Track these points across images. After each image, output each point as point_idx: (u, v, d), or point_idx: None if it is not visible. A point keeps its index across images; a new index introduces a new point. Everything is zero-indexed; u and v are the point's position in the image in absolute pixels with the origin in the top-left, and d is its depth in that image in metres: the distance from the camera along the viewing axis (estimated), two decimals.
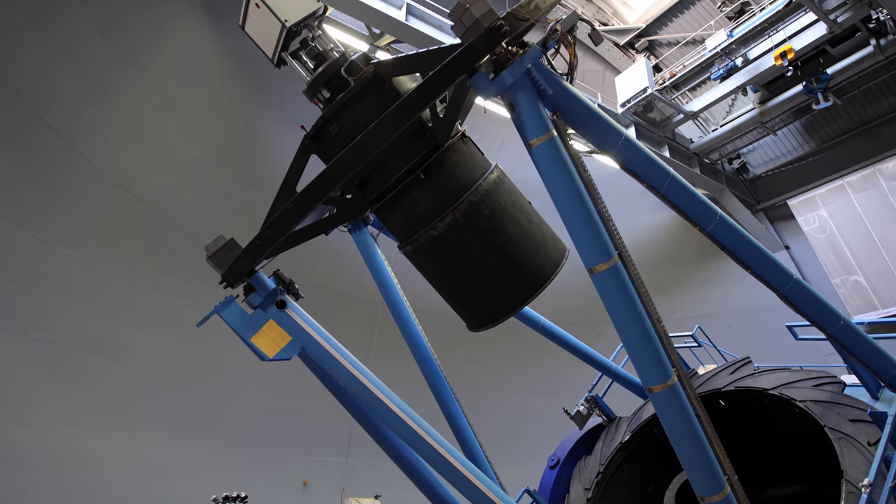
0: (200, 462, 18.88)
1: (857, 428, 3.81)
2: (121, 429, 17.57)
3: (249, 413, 20.50)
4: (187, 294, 18.43)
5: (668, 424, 2.54)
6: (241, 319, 3.32)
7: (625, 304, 2.52)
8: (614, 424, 5.89)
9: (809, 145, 20.69)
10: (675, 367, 2.53)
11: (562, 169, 2.67)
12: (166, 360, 18.63)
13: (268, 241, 3.21)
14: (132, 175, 16.60)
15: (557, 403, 6.85)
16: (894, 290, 19.62)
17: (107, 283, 17.04)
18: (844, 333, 3.68)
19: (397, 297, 4.49)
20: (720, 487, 2.46)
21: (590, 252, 2.56)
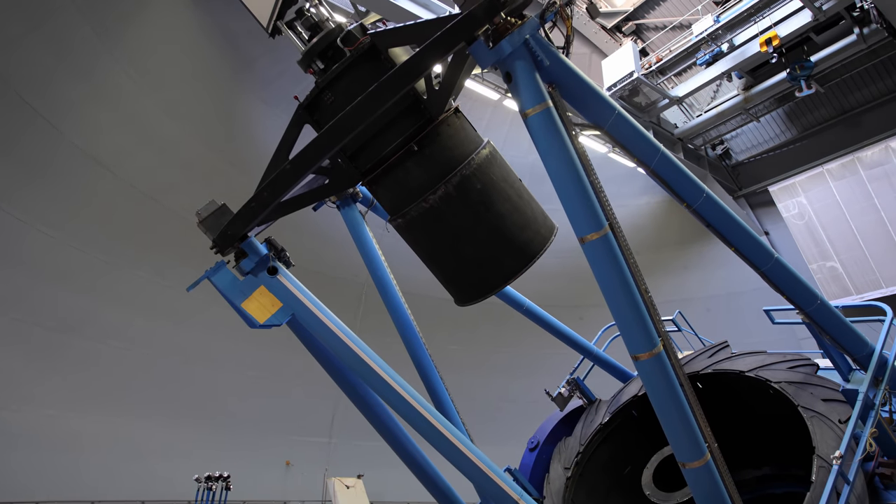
0: (183, 443, 18.87)
1: (829, 407, 3.95)
2: (101, 410, 17.48)
3: (232, 395, 20.49)
4: (168, 274, 18.24)
5: (652, 392, 2.63)
6: (231, 285, 3.30)
7: (614, 273, 2.58)
8: (594, 406, 5.99)
9: (791, 132, 20.93)
10: (661, 337, 2.60)
11: (556, 139, 2.71)
12: (147, 341, 18.49)
13: (263, 202, 3.18)
14: (112, 153, 16.29)
15: (539, 385, 6.93)
16: (869, 277, 20.07)
17: (86, 263, 16.80)
18: (820, 313, 3.81)
19: (384, 275, 4.49)
20: (701, 454, 2.57)
21: (581, 221, 2.61)
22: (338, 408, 22.76)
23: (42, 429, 16.07)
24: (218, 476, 13.15)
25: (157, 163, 17.17)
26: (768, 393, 4.63)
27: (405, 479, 18.27)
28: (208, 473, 13.20)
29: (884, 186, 19.20)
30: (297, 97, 3.77)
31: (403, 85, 2.95)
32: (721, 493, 2.56)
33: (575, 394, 6.26)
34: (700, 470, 2.58)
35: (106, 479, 16.77)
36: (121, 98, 15.86)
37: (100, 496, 16.43)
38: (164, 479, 17.63)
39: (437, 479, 4.03)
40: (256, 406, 20.98)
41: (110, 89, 15.66)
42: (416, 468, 3.97)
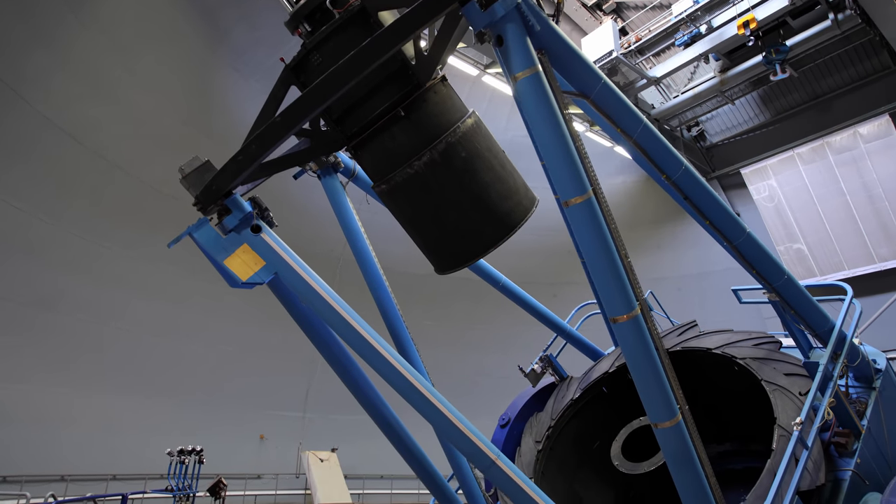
0: (155, 418, 18.76)
1: (790, 380, 4.14)
2: (75, 384, 17.26)
3: (206, 370, 20.38)
4: (140, 247, 17.91)
5: (629, 354, 2.72)
6: (213, 241, 3.24)
7: (596, 236, 2.64)
8: (566, 383, 6.10)
9: (764, 116, 21.23)
10: (638, 301, 2.69)
11: (544, 103, 2.74)
12: (121, 315, 18.21)
13: (251, 156, 3.12)
14: (82, 124, 15.78)
15: (512, 361, 7.03)
16: (833, 259, 20.70)
17: (58, 237, 16.41)
18: (787, 288, 3.96)
19: (363, 246, 4.47)
20: (673, 414, 2.70)
21: (566, 185, 2.66)
22: (312, 383, 22.81)
23: (12, 403, 15.82)
24: (191, 450, 13.14)
25: (129, 134, 16.70)
26: (733, 369, 4.79)
27: (379, 453, 18.49)
28: (181, 447, 13.18)
29: (851, 171, 19.69)
30: (283, 59, 3.70)
31: (395, 42, 2.92)
32: (690, 453, 2.71)
33: (547, 370, 6.36)
34: (671, 430, 2.71)
35: (76, 453, 16.63)
36: (89, 67, 15.31)
37: (70, 470, 16.31)
38: (135, 453, 17.55)
39: (414, 448, 4.09)
40: (230, 381, 20.92)
41: (80, 59, 15.09)
42: (393, 435, 4.02)
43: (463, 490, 4.32)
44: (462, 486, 4.31)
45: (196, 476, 13.03)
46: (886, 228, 19.46)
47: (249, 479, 20.51)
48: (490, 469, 3.02)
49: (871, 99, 19.08)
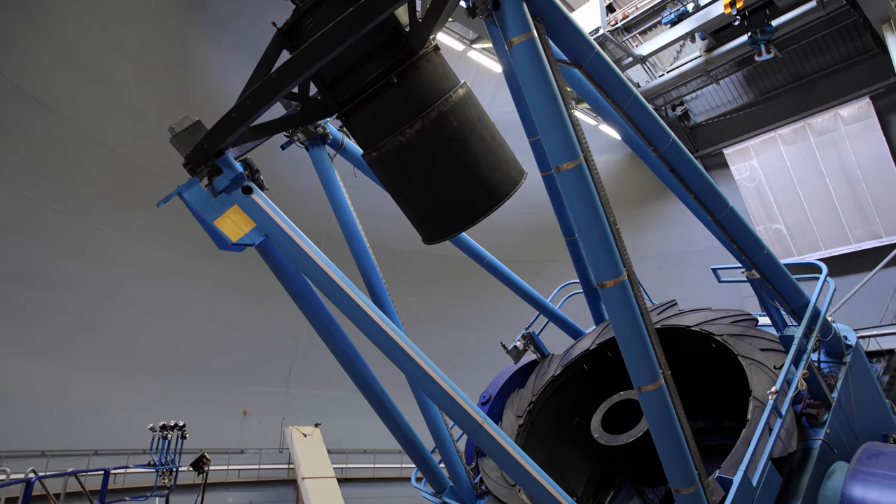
0: (138, 394, 18.70)
1: (765, 355, 4.27)
2: (54, 361, 17.08)
3: (189, 346, 20.29)
4: (119, 223, 17.63)
5: (615, 318, 2.78)
6: (203, 202, 3.19)
7: (587, 202, 2.68)
8: (547, 360, 6.17)
9: (748, 96, 21.33)
10: (625, 267, 2.74)
11: (539, 69, 2.74)
12: (101, 292, 17.99)
13: (245, 112, 3.05)
14: (57, 95, 15.33)
15: (495, 338, 7.10)
16: (810, 239, 21.06)
17: (35, 212, 16.06)
18: (765, 262, 4.06)
19: (350, 218, 4.45)
20: (656, 378, 2.78)
21: (558, 151, 2.69)
22: (295, 358, 22.84)
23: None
24: (173, 425, 13.12)
25: (106, 106, 16.29)
26: (711, 346, 4.89)
27: (362, 428, 18.64)
28: (163, 423, 13.15)
29: (830, 153, 19.94)
30: (274, 23, 3.62)
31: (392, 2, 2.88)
32: (671, 415, 2.80)
33: (529, 348, 6.42)
34: (654, 393, 2.80)
35: (57, 429, 16.54)
36: (65, 36, 14.82)
37: (52, 446, 16.24)
38: (118, 429, 17.51)
39: (398, 418, 4.13)
40: (213, 357, 20.86)
41: (55, 29, 14.59)
42: (378, 404, 4.06)
43: (445, 463, 4.39)
44: (444, 459, 4.38)
45: (179, 451, 13.04)
46: (862, 210, 19.82)
47: (233, 453, 20.61)
48: (476, 432, 3.08)
49: (852, 81, 19.24)
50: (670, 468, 2.87)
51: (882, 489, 3.35)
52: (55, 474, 12.67)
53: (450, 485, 4.38)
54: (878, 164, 19.08)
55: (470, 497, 4.44)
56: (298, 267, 3.29)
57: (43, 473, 11.98)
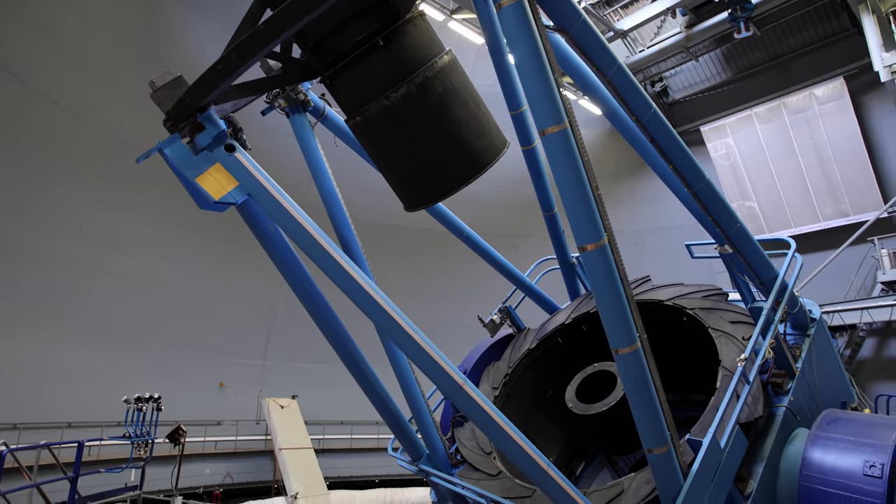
0: (112, 367, 18.51)
1: (735, 327, 4.42)
2: (27, 334, 16.79)
3: (165, 319, 20.08)
4: (89, 193, 17.19)
5: (594, 281, 2.84)
6: (185, 159, 3.10)
7: (570, 166, 2.71)
8: (523, 334, 6.24)
9: (726, 74, 21.46)
10: (606, 232, 2.79)
11: (527, 31, 2.73)
12: (73, 264, 17.62)
13: (231, 65, 2.96)
14: (25, 63, 14.73)
15: (472, 312, 7.15)
16: (781, 217, 21.52)
17: (5, 182, 15.57)
18: (738, 235, 4.18)
19: (330, 187, 4.39)
20: (633, 340, 2.86)
21: (544, 114, 2.69)
22: (272, 331, 22.78)
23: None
24: (148, 397, 13.03)
25: (75, 74, 15.72)
26: (683, 320, 5.00)
27: (339, 400, 18.77)
28: (138, 395, 13.06)
29: (804, 132, 20.25)
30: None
31: None
32: (647, 378, 2.90)
33: (506, 322, 6.47)
34: (631, 356, 2.87)
35: (29, 402, 16.34)
36: (35, 4, 14.18)
37: (23, 419, 16.05)
38: (92, 402, 17.36)
39: (377, 386, 4.16)
40: (190, 330, 20.70)
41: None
42: (357, 372, 4.07)
43: (421, 432, 4.46)
44: (420, 429, 4.45)
45: (154, 423, 12.99)
46: (832, 189, 20.26)
47: (209, 425, 20.62)
48: (456, 394, 3.12)
49: (827, 61, 19.47)
50: (644, 429, 2.98)
51: (839, 452, 3.59)
52: (27, 447, 12.52)
53: (426, 453, 4.45)
54: (848, 144, 19.45)
55: (445, 466, 4.53)
56: (281, 227, 3.24)
57: (15, 446, 11.84)
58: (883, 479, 3.37)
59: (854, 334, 18.75)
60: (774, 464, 3.82)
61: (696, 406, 3.99)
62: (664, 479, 3.02)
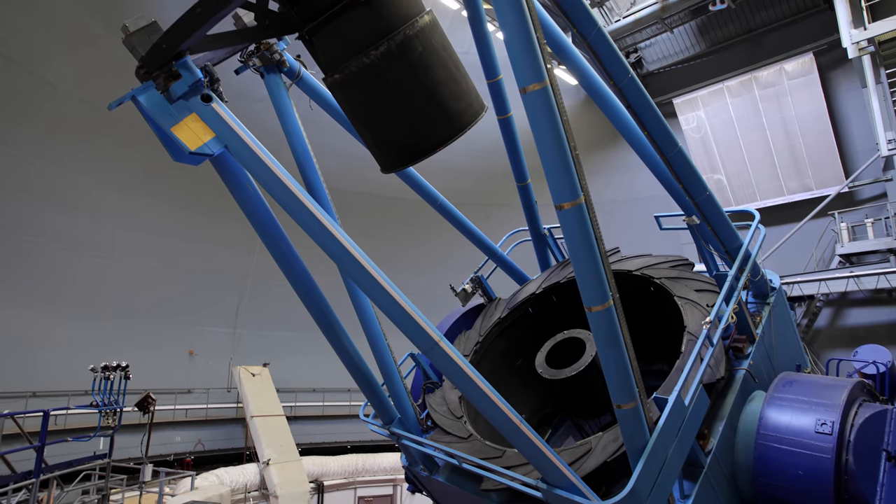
0: (78, 335, 18.16)
1: (699, 295, 4.57)
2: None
3: (131, 286, 19.68)
4: (46, 153, 16.55)
5: (570, 239, 2.87)
6: (160, 107, 2.98)
7: (550, 125, 2.72)
8: (494, 304, 6.30)
9: (700, 46, 21.55)
10: (583, 192, 2.83)
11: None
12: (37, 229, 17.04)
13: (210, 8, 2.85)
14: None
15: (444, 280, 7.19)
16: (748, 190, 21.98)
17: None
18: (707, 203, 4.30)
19: (305, 149, 4.31)
20: (606, 299, 2.92)
21: (526, 71, 2.69)
22: (243, 299, 22.58)
23: None
24: (115, 366, 12.88)
25: (30, 27, 14.94)
26: (650, 290, 5.12)
27: (310, 368, 18.84)
28: (105, 363, 12.89)
29: (773, 107, 20.57)
30: None
31: None
32: (618, 335, 2.99)
33: (477, 291, 6.52)
34: (604, 313, 2.93)
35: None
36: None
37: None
38: (57, 371, 17.07)
39: (351, 349, 4.17)
40: (157, 297, 20.37)
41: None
42: (332, 335, 4.07)
43: (392, 398, 4.51)
44: (391, 394, 4.50)
45: (122, 392, 12.86)
46: (797, 163, 20.73)
47: (180, 393, 20.52)
48: (433, 350, 3.15)
49: (798, 36, 19.68)
50: (614, 384, 3.07)
51: (793, 412, 3.81)
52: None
53: (398, 417, 4.51)
54: (815, 119, 19.84)
55: (416, 431, 4.60)
56: (259, 181, 3.17)
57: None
58: (833, 435, 3.56)
59: (812, 304, 19.48)
60: (734, 423, 4.01)
61: (658, 375, 4.13)
62: (632, 434, 3.13)
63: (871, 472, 3.53)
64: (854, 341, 7.52)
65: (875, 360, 6.56)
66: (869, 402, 3.96)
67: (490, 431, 4.81)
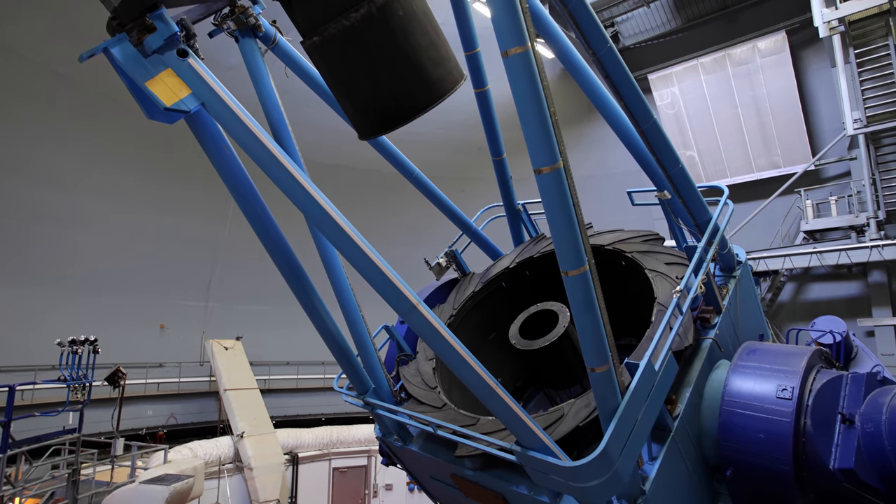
0: (43, 309, 17.74)
1: (669, 268, 4.70)
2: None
3: (99, 258, 19.23)
4: (7, 119, 15.91)
5: (548, 204, 2.90)
6: (134, 60, 2.86)
7: (530, 89, 2.72)
8: (468, 278, 6.34)
9: (676, 22, 21.58)
10: (562, 157, 2.85)
11: None
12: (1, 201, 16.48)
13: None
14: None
15: (418, 254, 7.20)
16: (718, 167, 22.34)
17: None
18: (679, 176, 4.39)
19: (280, 116, 4.23)
20: (582, 263, 2.97)
21: (510, 34, 2.69)
22: (214, 272, 22.28)
23: None
24: (83, 339, 12.64)
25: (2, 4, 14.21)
26: (622, 264, 5.22)
27: (284, 341, 18.75)
28: (72, 338, 12.64)
29: (745, 84, 20.81)
30: None
31: None
32: (593, 299, 3.06)
33: (452, 265, 6.54)
34: (579, 277, 2.98)
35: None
36: None
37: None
38: (22, 345, 16.69)
39: (327, 317, 4.17)
40: (126, 270, 19.96)
41: None
42: (307, 302, 4.06)
43: (366, 368, 4.54)
44: (365, 365, 4.53)
45: (91, 366, 12.66)
46: (767, 141, 21.11)
47: (151, 367, 20.30)
48: (411, 313, 3.17)
49: (772, 14, 19.84)
50: (588, 348, 3.14)
51: (756, 378, 4.00)
52: None
53: (372, 387, 4.55)
54: (785, 97, 20.16)
55: (390, 402, 4.65)
56: (237, 140, 3.09)
57: None
58: (793, 400, 3.73)
59: (776, 279, 20.07)
60: (700, 389, 4.17)
61: (627, 349, 4.25)
62: (604, 397, 3.22)
63: (827, 434, 3.71)
64: (814, 315, 7.83)
65: (832, 330, 6.88)
66: (826, 368, 4.16)
67: (464, 401, 4.89)
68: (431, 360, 5.30)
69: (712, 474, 4.22)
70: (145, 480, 11.94)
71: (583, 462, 3.12)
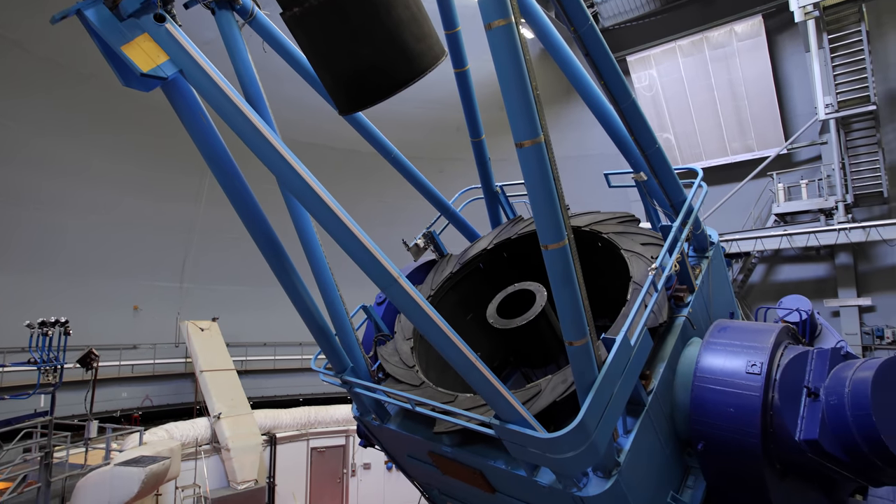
0: (12, 291, 17.31)
1: (645, 248, 4.80)
2: None
3: (70, 239, 18.78)
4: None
5: (529, 178, 2.92)
6: (109, 24, 2.76)
7: (513, 60, 2.72)
8: (446, 259, 6.36)
9: (655, 4, 21.58)
10: (543, 132, 2.87)
11: None
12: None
13: None
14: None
15: (397, 234, 7.19)
16: (694, 150, 22.60)
17: None
18: (655, 156, 4.46)
19: (257, 90, 4.15)
20: (561, 237, 3.00)
21: (492, 7, 2.67)
22: (189, 252, 21.95)
23: None
24: (54, 321, 12.38)
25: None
26: (598, 245, 5.28)
27: (260, 321, 18.62)
28: (42, 319, 12.37)
29: (721, 68, 20.99)
30: None
31: None
32: (572, 273, 3.09)
33: (429, 247, 6.55)
34: (559, 251, 3.03)
35: None
36: None
37: None
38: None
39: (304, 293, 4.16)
40: (99, 251, 19.54)
41: None
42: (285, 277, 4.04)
43: (344, 347, 4.55)
44: (343, 344, 4.53)
45: (63, 348, 12.43)
46: (741, 125, 21.38)
47: (125, 349, 20.02)
48: (392, 287, 3.19)
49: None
50: (566, 321, 3.19)
51: (726, 355, 4.13)
52: None
53: (350, 366, 4.56)
54: (760, 81, 20.39)
55: (368, 380, 4.67)
56: (215, 108, 3.02)
57: None
58: (761, 375, 3.86)
59: (748, 261, 20.52)
60: (673, 365, 4.28)
61: (602, 330, 4.33)
62: (581, 371, 3.28)
63: (794, 407, 3.84)
64: (784, 295, 8.08)
65: (798, 308, 7.15)
66: (793, 344, 4.29)
67: (442, 381, 4.94)
68: (409, 339, 5.33)
69: (684, 448, 4.35)
70: (120, 462, 11.83)
71: (560, 433, 3.19)
